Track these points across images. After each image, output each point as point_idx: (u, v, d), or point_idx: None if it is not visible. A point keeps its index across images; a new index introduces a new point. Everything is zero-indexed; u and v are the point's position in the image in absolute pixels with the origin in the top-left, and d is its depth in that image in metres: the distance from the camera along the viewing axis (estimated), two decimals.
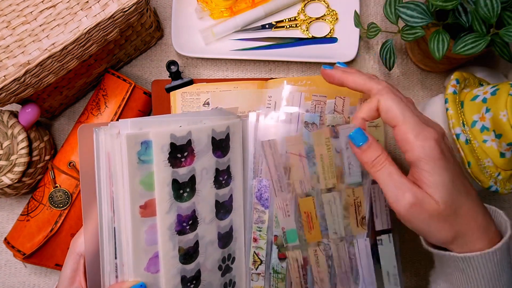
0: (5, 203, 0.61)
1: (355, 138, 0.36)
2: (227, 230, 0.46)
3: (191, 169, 0.41)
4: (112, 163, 0.38)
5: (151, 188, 0.38)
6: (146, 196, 0.38)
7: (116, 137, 0.37)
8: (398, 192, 0.34)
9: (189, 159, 0.41)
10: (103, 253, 0.39)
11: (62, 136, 0.63)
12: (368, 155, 0.36)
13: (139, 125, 0.38)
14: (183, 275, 0.41)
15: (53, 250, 0.55)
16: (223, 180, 0.44)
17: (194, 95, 0.58)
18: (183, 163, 0.40)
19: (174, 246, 0.40)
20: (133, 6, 0.49)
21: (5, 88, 0.46)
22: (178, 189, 0.40)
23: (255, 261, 0.47)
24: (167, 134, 0.39)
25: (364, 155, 0.36)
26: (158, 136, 0.38)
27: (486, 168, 0.48)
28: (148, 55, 0.64)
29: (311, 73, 0.64)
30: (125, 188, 0.37)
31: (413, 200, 0.34)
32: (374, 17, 0.66)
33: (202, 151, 0.42)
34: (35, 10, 0.48)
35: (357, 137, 0.36)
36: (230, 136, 0.44)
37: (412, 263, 0.61)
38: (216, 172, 0.44)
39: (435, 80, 0.65)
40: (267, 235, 0.46)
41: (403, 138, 0.35)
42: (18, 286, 0.59)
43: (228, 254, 0.46)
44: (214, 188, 0.44)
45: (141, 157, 0.37)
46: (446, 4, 0.48)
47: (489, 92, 0.48)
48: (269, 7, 0.63)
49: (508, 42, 0.48)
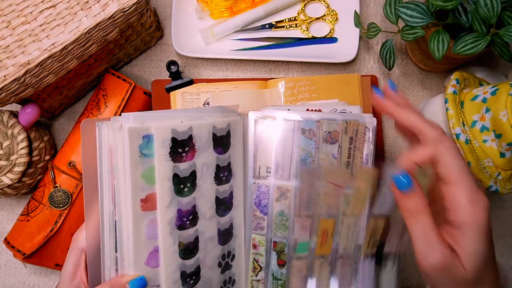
0: (5, 203, 0.61)
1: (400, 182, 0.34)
2: (227, 227, 0.46)
3: (192, 164, 0.41)
4: (114, 157, 0.38)
5: (152, 182, 0.39)
6: (147, 190, 0.38)
7: (118, 130, 0.37)
8: (429, 250, 0.33)
9: (190, 154, 0.41)
10: (103, 247, 0.39)
11: (62, 136, 0.63)
12: (410, 202, 0.34)
13: (141, 119, 0.38)
14: (182, 270, 0.41)
15: (53, 250, 0.55)
16: (223, 177, 0.44)
17: (194, 95, 0.58)
18: (184, 158, 0.40)
19: (174, 241, 0.40)
20: (133, 6, 0.49)
21: (5, 88, 0.46)
22: (179, 184, 0.40)
23: (255, 267, 0.47)
24: (169, 128, 0.39)
25: (405, 200, 0.34)
26: (160, 131, 0.38)
27: (486, 168, 0.49)
28: (148, 55, 0.64)
29: (311, 73, 0.64)
30: (126, 181, 0.37)
31: (442, 262, 0.33)
32: (374, 17, 0.66)
33: (203, 147, 0.42)
34: (35, 10, 0.48)
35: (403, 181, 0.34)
36: (231, 133, 0.45)
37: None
38: (217, 168, 0.44)
39: (435, 80, 0.65)
40: (266, 242, 0.46)
41: (454, 199, 0.33)
42: (18, 286, 0.59)
43: (228, 251, 0.46)
44: (214, 184, 0.44)
45: (142, 151, 0.38)
46: (446, 4, 0.48)
47: (489, 92, 0.48)
48: (269, 7, 0.63)
49: (508, 42, 0.48)
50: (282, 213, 0.46)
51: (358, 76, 0.58)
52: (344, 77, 0.59)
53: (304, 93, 0.58)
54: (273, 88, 0.59)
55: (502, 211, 0.64)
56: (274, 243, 0.46)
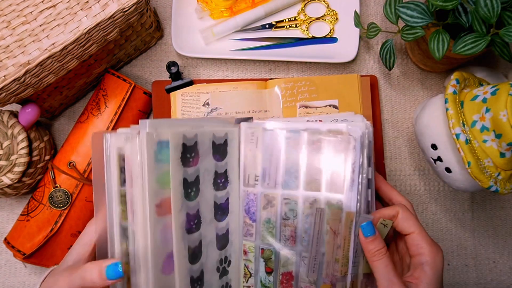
0: (5, 203, 0.61)
1: (365, 229, 0.42)
2: (224, 232, 0.46)
3: (196, 169, 0.43)
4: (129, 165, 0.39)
5: (164, 187, 0.39)
6: (161, 195, 0.39)
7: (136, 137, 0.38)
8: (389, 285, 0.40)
9: (195, 160, 0.42)
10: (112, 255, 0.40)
11: (62, 136, 0.63)
12: (372, 245, 0.42)
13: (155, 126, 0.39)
14: (191, 275, 0.42)
15: (53, 250, 0.55)
16: (220, 183, 0.46)
17: (194, 95, 0.58)
18: (191, 163, 0.42)
19: (185, 245, 0.41)
20: (133, 6, 0.49)
21: (5, 88, 0.46)
22: (187, 188, 0.41)
23: (245, 273, 0.48)
24: (181, 134, 0.41)
25: (368, 245, 0.42)
26: (174, 136, 0.40)
27: (486, 168, 0.48)
28: (148, 55, 0.65)
29: (311, 73, 0.64)
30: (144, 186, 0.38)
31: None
32: (374, 17, 0.66)
33: (204, 153, 0.44)
34: (35, 10, 0.48)
35: (367, 229, 0.42)
36: (228, 142, 0.47)
37: None
38: (215, 174, 0.45)
39: (435, 80, 0.65)
40: (255, 248, 0.47)
41: (417, 244, 0.42)
42: (18, 286, 0.59)
43: (225, 257, 0.47)
44: (213, 189, 0.45)
45: (158, 156, 0.39)
46: (446, 4, 0.48)
47: (489, 92, 0.48)
48: (269, 7, 0.63)
49: (508, 42, 0.48)
50: (269, 220, 0.46)
51: (358, 76, 0.58)
52: (343, 77, 0.59)
53: (303, 93, 0.58)
54: (273, 89, 0.59)
55: (502, 211, 0.64)
56: (261, 250, 0.47)
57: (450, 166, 0.52)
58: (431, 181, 0.63)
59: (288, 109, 0.58)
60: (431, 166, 0.56)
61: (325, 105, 0.58)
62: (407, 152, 0.64)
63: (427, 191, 0.63)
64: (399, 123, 0.64)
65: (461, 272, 0.62)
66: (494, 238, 0.63)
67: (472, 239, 0.63)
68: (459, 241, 0.63)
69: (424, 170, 0.63)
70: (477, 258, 0.63)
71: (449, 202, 0.63)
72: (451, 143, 0.51)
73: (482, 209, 0.63)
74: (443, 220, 0.63)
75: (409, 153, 0.64)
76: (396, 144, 0.64)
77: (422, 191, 0.63)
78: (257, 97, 0.59)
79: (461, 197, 0.63)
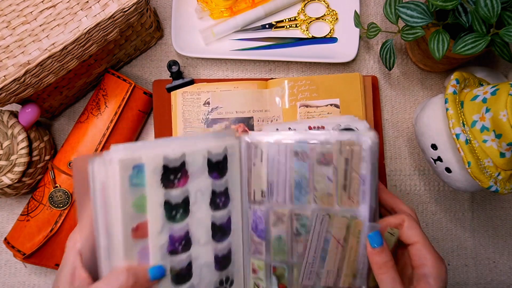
0: (5, 203, 0.61)
1: (373, 239, 0.40)
2: (225, 253, 0.45)
3: (184, 190, 0.41)
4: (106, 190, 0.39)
5: (142, 211, 0.39)
6: (138, 219, 0.39)
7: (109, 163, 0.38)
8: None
9: (183, 181, 0.41)
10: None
11: (62, 136, 0.63)
12: (378, 257, 0.40)
13: (131, 149, 0.39)
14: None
15: (53, 250, 0.55)
16: (220, 202, 0.44)
17: (195, 94, 0.58)
18: (176, 184, 0.41)
19: (166, 266, 0.41)
20: (133, 6, 0.49)
21: (5, 88, 0.46)
22: (171, 210, 0.41)
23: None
24: (160, 156, 0.40)
25: (376, 256, 0.40)
26: (150, 159, 0.39)
27: (486, 168, 0.49)
28: (148, 55, 0.65)
29: (311, 73, 0.64)
30: (117, 211, 0.38)
31: None
32: (374, 17, 0.66)
33: (196, 172, 0.42)
34: (35, 10, 0.48)
35: (375, 239, 0.40)
36: (228, 157, 0.44)
37: None
38: (213, 194, 0.44)
39: (435, 80, 0.65)
40: (265, 266, 0.46)
41: (421, 254, 0.40)
42: (18, 286, 0.59)
43: (226, 277, 0.46)
44: (210, 210, 0.44)
45: (133, 181, 0.38)
46: (446, 4, 0.48)
47: (489, 92, 0.48)
48: (269, 7, 0.63)
49: (508, 42, 0.48)
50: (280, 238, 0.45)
51: (359, 75, 0.58)
52: (344, 76, 0.59)
53: (304, 92, 0.58)
54: (273, 88, 0.59)
55: (502, 211, 0.64)
56: (273, 268, 0.46)
57: (450, 166, 0.52)
58: (431, 181, 0.63)
59: (288, 109, 0.58)
60: (431, 166, 0.56)
61: (326, 104, 0.58)
62: (407, 152, 0.64)
63: (427, 191, 0.63)
64: (399, 123, 0.64)
65: (461, 272, 0.62)
66: (494, 238, 0.63)
67: (472, 239, 0.63)
68: (459, 241, 0.63)
69: (424, 170, 0.63)
70: (477, 258, 0.63)
71: (449, 202, 0.63)
72: (451, 143, 0.51)
73: (482, 209, 0.63)
74: (443, 220, 0.63)
75: (409, 153, 0.64)
76: (396, 144, 0.64)
77: (422, 191, 0.63)
78: (257, 96, 0.59)
79: (461, 197, 0.63)
